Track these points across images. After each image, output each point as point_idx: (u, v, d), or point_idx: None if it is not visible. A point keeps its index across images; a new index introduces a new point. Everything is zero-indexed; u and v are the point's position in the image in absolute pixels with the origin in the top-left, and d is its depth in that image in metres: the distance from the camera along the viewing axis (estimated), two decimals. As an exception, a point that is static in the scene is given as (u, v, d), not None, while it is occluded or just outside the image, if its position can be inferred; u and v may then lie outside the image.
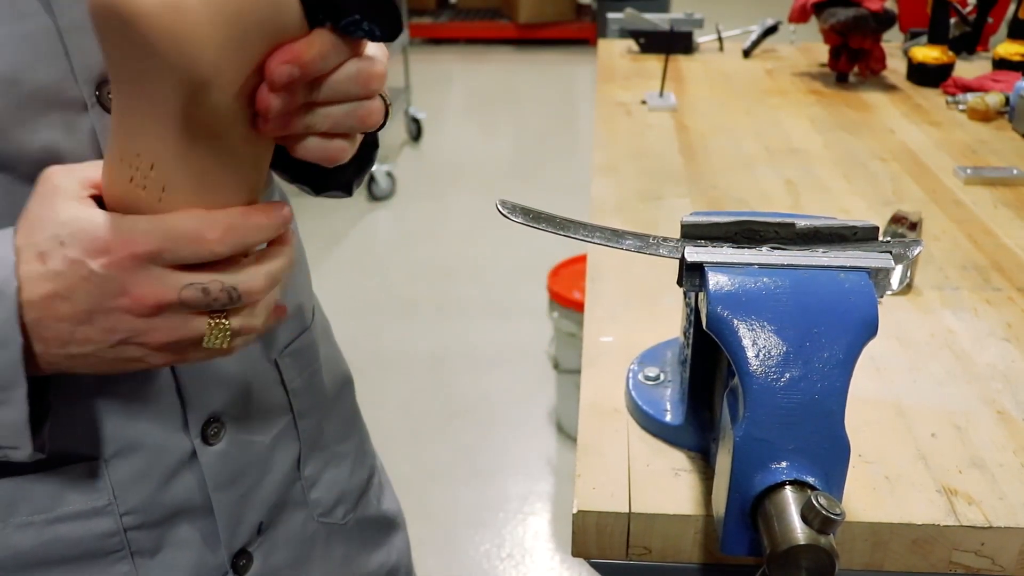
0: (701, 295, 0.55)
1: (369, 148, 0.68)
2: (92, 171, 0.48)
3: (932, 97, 1.66)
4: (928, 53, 1.72)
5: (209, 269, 0.47)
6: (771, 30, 2.01)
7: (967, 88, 1.63)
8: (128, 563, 0.61)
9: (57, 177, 0.47)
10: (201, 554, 0.65)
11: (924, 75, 1.73)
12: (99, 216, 0.46)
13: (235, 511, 0.66)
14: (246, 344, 0.52)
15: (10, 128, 0.50)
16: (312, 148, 0.47)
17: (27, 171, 0.50)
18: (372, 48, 0.47)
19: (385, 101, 0.52)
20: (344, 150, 0.49)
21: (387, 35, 0.44)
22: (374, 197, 3.87)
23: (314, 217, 3.62)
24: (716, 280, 0.53)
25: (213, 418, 0.63)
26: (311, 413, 0.74)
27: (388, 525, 0.86)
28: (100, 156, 0.52)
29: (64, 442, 0.56)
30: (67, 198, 0.46)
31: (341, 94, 0.46)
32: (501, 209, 0.59)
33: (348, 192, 0.71)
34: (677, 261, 0.57)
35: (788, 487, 0.50)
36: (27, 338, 0.47)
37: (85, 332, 0.48)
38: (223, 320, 0.49)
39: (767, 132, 1.45)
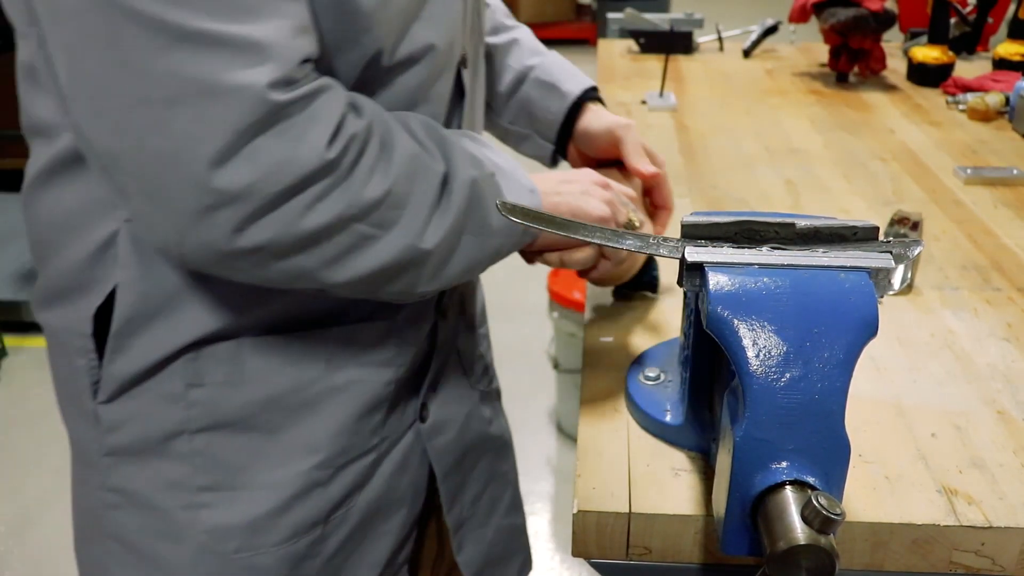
0: (701, 295, 0.55)
1: None
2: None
3: (932, 97, 1.66)
4: (928, 53, 1.72)
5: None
6: (771, 30, 2.01)
7: (967, 88, 1.63)
8: (384, 412, 0.77)
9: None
10: (408, 403, 0.80)
11: (924, 75, 1.73)
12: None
13: (436, 372, 0.83)
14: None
15: (430, 86, 0.69)
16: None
17: (429, 112, 0.70)
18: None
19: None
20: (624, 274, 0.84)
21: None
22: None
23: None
24: (716, 280, 0.53)
25: (445, 298, 0.82)
26: (475, 297, 0.95)
27: (499, 398, 1.04)
28: (459, 98, 0.76)
29: (370, 310, 0.73)
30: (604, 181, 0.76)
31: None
32: (501, 209, 0.60)
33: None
34: (677, 261, 0.57)
35: (788, 487, 0.50)
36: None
37: (566, 187, 0.74)
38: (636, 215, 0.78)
39: (767, 132, 1.45)
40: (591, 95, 0.94)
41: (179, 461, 0.70)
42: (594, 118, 0.91)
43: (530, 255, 0.76)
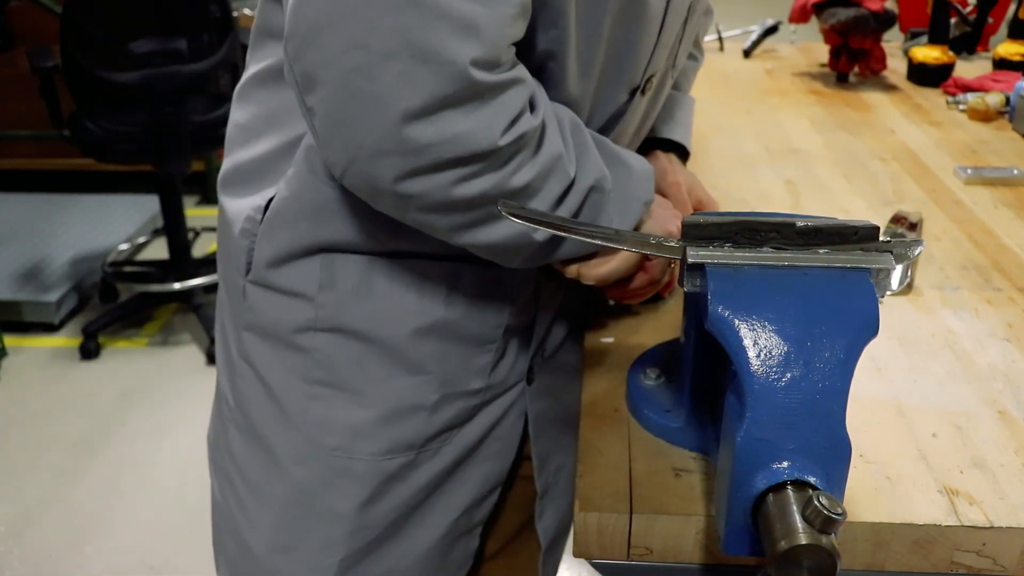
0: (702, 295, 0.55)
1: None
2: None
3: (932, 97, 1.66)
4: (928, 53, 1.72)
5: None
6: (771, 30, 2.01)
7: (967, 88, 1.63)
8: (491, 355, 0.81)
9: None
10: (515, 360, 0.84)
11: (924, 75, 1.73)
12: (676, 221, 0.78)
13: (540, 332, 0.86)
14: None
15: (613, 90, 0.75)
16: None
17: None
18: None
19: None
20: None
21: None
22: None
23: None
24: (716, 280, 0.53)
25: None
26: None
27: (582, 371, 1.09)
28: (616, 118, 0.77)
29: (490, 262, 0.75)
30: (677, 216, 0.79)
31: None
32: (502, 209, 0.60)
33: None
34: (677, 261, 0.57)
35: (789, 487, 0.50)
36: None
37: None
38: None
39: (767, 132, 1.45)
40: (673, 148, 0.95)
41: (302, 354, 0.77)
42: (655, 164, 0.91)
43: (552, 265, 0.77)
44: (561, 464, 0.95)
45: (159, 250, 3.18)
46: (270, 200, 0.75)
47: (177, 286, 2.72)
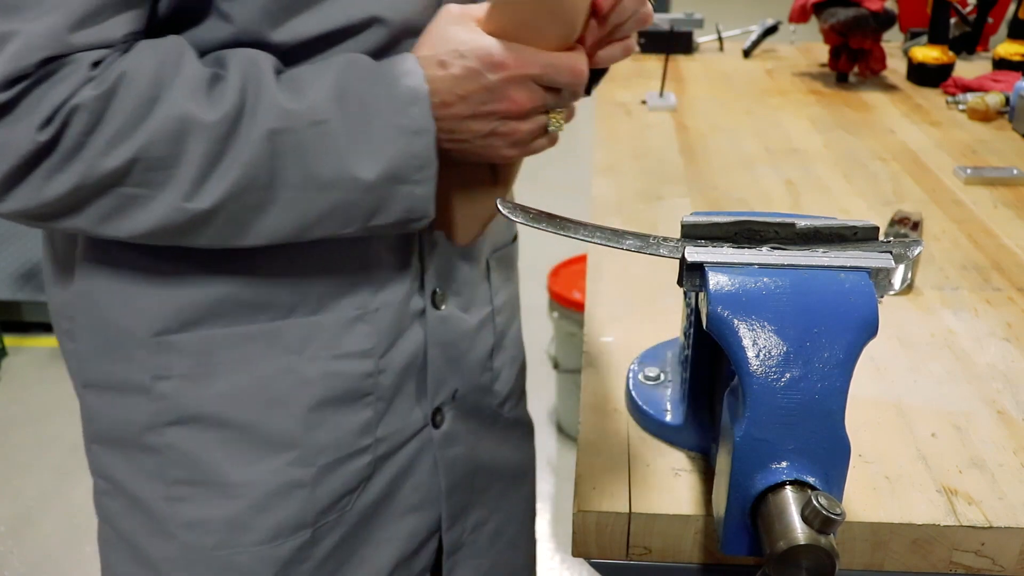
0: (701, 295, 0.55)
1: None
2: (479, 11, 0.62)
3: (932, 97, 1.66)
4: (928, 53, 1.72)
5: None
6: (771, 30, 2.01)
7: (967, 88, 1.63)
8: (372, 408, 0.74)
9: (456, 9, 0.62)
10: (412, 405, 0.77)
11: (924, 75, 1.73)
12: (493, 41, 0.60)
13: (441, 371, 0.79)
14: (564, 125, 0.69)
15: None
16: (612, 53, 0.67)
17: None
18: None
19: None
20: (630, 50, 0.69)
21: None
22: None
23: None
24: (716, 280, 0.53)
25: (439, 288, 0.77)
26: (503, 312, 0.88)
27: (529, 431, 1.01)
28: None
29: (344, 292, 0.70)
30: (465, 25, 0.61)
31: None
32: (501, 209, 0.60)
33: (587, 93, 0.81)
34: (677, 261, 0.57)
35: (788, 487, 0.50)
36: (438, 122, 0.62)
37: (468, 126, 0.63)
38: (559, 111, 0.66)
39: (767, 132, 1.45)
40: None
41: (155, 454, 0.71)
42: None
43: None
44: (482, 519, 0.88)
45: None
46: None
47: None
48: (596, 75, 0.74)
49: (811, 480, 0.50)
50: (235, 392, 0.69)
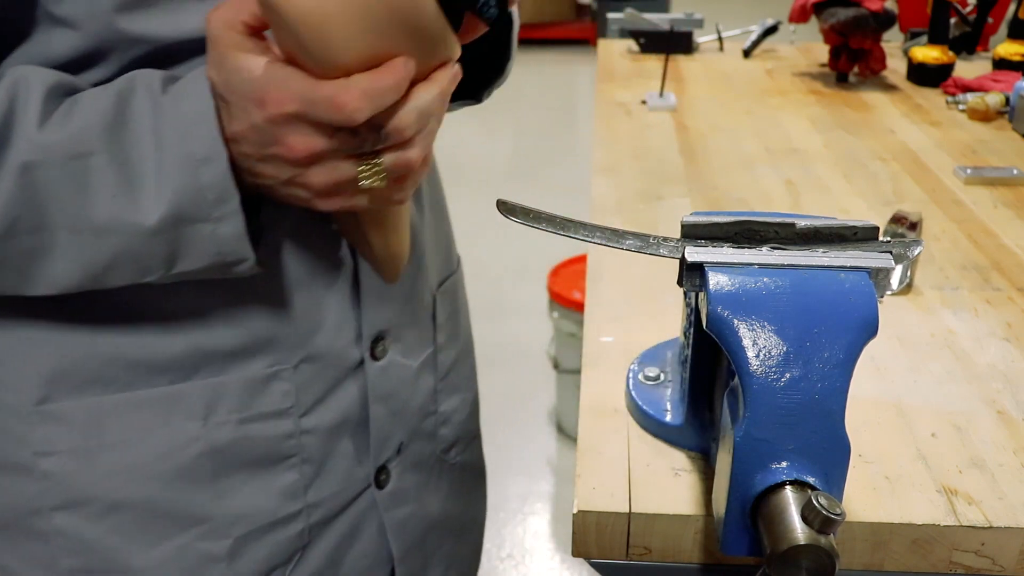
0: (701, 295, 0.55)
1: (499, 52, 0.69)
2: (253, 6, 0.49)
3: (932, 97, 1.66)
4: (928, 53, 1.72)
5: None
6: (771, 30, 2.01)
7: (967, 88, 1.63)
8: (296, 471, 0.66)
9: (228, 13, 0.49)
10: (352, 465, 0.70)
11: (924, 75, 1.73)
12: (258, 67, 0.48)
13: (385, 426, 0.71)
14: (414, 185, 0.56)
15: None
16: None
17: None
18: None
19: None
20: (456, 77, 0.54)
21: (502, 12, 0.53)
22: (374, 197, 3.86)
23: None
24: (716, 280, 0.53)
25: (380, 336, 0.69)
26: (447, 349, 0.81)
27: (480, 475, 0.94)
28: None
29: (257, 347, 0.62)
30: (231, 45, 0.49)
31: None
32: (501, 209, 0.59)
33: (477, 99, 0.72)
34: (677, 261, 0.57)
35: (788, 487, 0.50)
36: (232, 154, 0.51)
37: (262, 168, 0.52)
38: (376, 160, 0.52)
39: (767, 132, 1.45)
40: None
41: (41, 541, 0.62)
42: None
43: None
44: None
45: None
46: None
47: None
48: (482, 81, 0.68)
49: (811, 480, 0.50)
50: (130, 468, 0.61)
